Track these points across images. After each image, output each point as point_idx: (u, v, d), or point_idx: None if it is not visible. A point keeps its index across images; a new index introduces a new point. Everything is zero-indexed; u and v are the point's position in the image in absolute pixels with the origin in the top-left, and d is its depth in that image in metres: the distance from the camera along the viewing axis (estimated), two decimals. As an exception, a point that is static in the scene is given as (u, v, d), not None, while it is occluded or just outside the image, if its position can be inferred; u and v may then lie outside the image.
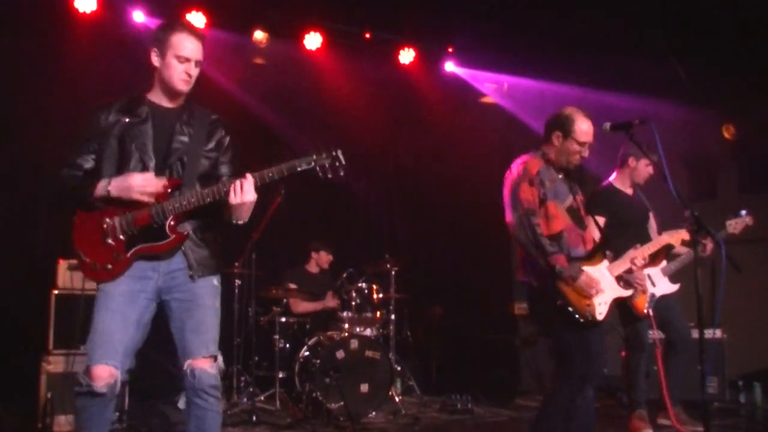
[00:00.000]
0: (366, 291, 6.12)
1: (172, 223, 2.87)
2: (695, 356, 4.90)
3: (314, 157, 2.95)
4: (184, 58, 2.94)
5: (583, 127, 3.58)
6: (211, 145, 3.08)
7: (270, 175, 2.86)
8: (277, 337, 5.94)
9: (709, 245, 4.65)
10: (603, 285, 3.52)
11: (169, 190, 2.88)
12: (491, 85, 8.27)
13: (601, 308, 3.49)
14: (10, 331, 5.45)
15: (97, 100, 3.02)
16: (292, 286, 6.43)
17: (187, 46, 2.94)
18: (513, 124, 8.14)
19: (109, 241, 2.85)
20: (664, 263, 4.85)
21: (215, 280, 3.03)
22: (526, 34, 7.01)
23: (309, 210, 7.64)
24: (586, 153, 3.63)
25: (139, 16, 6.51)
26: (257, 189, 2.85)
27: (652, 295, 4.71)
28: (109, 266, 2.85)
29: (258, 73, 7.34)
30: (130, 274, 2.87)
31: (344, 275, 6.35)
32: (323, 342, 5.72)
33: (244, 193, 2.81)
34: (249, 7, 6.89)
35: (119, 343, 2.83)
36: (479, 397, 6.22)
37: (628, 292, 3.73)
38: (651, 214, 5.01)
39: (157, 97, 3.02)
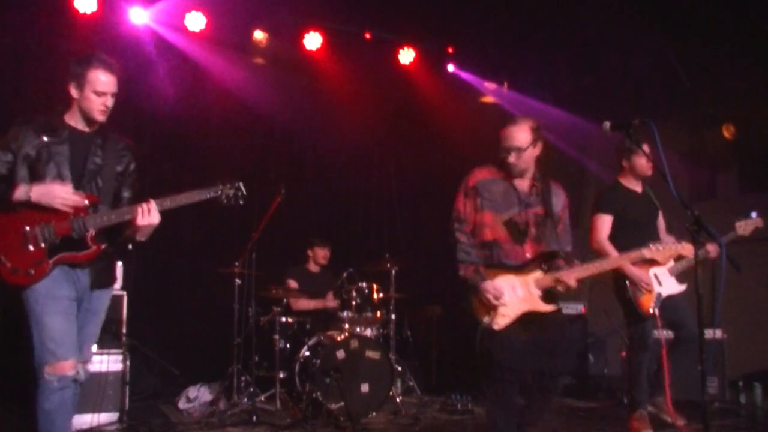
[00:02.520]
0: (366, 291, 6.11)
1: (92, 235, 3.20)
2: (695, 356, 4.91)
3: (220, 187, 3.40)
4: (101, 92, 3.23)
5: (503, 133, 3.74)
6: (120, 168, 3.40)
7: (167, 203, 3.23)
8: (277, 337, 5.94)
9: (713, 249, 4.62)
10: (515, 297, 3.60)
11: (88, 205, 3.21)
12: (491, 85, 8.27)
13: (501, 319, 3.57)
14: (10, 332, 5.45)
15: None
16: (293, 284, 6.43)
17: (103, 81, 3.23)
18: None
19: (30, 247, 3.12)
20: (671, 263, 4.68)
21: (111, 293, 3.47)
22: (526, 34, 7.02)
23: (309, 210, 7.64)
24: (512, 159, 3.71)
25: (138, 17, 6.52)
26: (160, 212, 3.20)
27: (659, 295, 4.65)
28: (31, 271, 3.12)
29: (258, 73, 7.34)
30: (68, 279, 3.20)
31: (344, 275, 6.35)
32: (323, 342, 5.72)
33: (151, 216, 3.18)
34: (249, 7, 6.89)
35: (73, 342, 3.20)
36: (479, 397, 6.21)
37: (547, 308, 3.64)
38: (660, 213, 4.93)
39: (74, 121, 3.32)
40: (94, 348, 3.66)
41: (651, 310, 4.62)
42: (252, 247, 5.85)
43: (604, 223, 4.74)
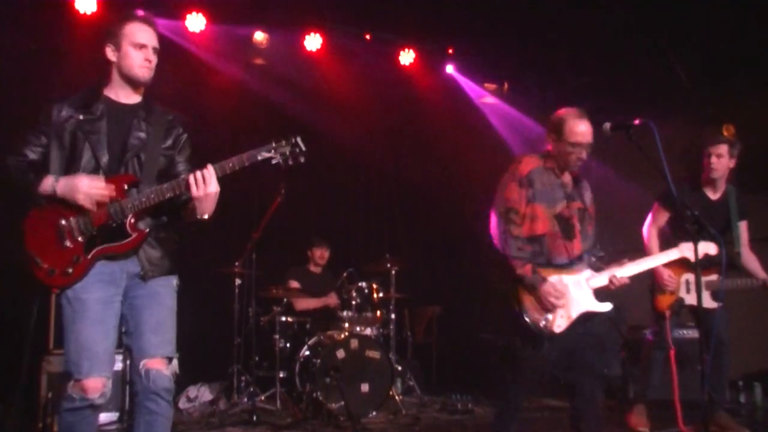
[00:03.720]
0: (366, 291, 6.12)
1: (132, 221, 2.81)
2: (694, 356, 4.91)
3: (274, 145, 2.91)
4: (140, 44, 2.91)
5: (576, 128, 3.54)
6: (169, 142, 3.01)
7: (230, 165, 2.82)
8: (277, 336, 5.95)
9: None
10: (572, 297, 3.49)
11: (126, 187, 2.82)
12: (491, 86, 8.27)
13: (561, 321, 3.46)
14: (10, 332, 5.45)
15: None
16: (294, 284, 6.43)
17: (143, 31, 2.92)
18: (513, 125, 8.14)
19: (67, 243, 2.77)
20: (714, 276, 4.51)
21: (174, 281, 2.98)
22: (526, 34, 7.02)
23: (309, 210, 7.64)
24: (582, 154, 3.59)
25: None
26: (219, 180, 2.81)
27: (681, 300, 4.58)
28: (69, 270, 2.76)
29: (258, 73, 7.34)
30: (100, 279, 2.80)
31: (344, 275, 6.35)
32: (323, 342, 5.72)
33: (207, 184, 2.76)
34: (249, 7, 6.90)
35: (104, 353, 2.78)
36: (479, 397, 6.22)
37: (604, 308, 3.55)
38: (742, 223, 4.84)
39: (114, 93, 2.96)
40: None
41: (665, 312, 4.58)
42: (252, 247, 5.86)
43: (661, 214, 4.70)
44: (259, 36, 7.09)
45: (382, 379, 5.56)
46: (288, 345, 6.11)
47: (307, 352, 5.74)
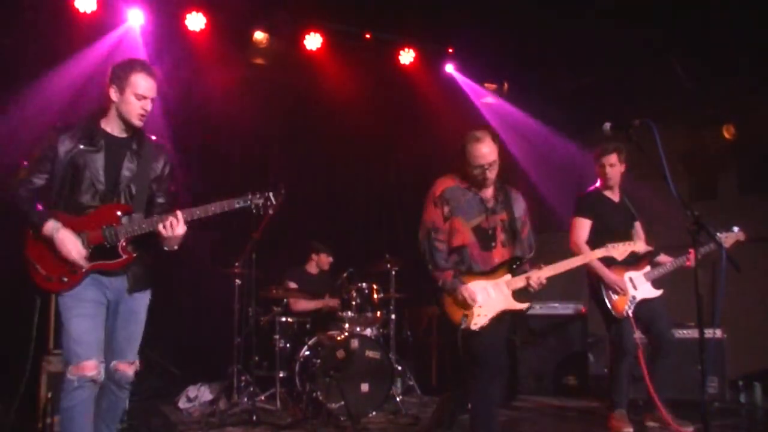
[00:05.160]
0: (366, 291, 6.12)
1: (123, 244, 3.26)
2: (694, 356, 4.94)
3: (241, 199, 3.35)
4: (142, 96, 3.27)
5: (475, 152, 3.80)
6: (154, 174, 3.43)
7: (196, 214, 3.26)
8: (277, 336, 5.94)
9: (692, 255, 4.68)
10: (489, 299, 3.77)
11: (120, 214, 3.26)
12: (491, 86, 8.27)
13: (479, 319, 3.74)
14: (10, 331, 5.45)
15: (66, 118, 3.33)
16: (292, 285, 6.43)
17: (145, 85, 3.27)
18: (512, 125, 8.14)
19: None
20: (647, 268, 4.96)
21: (149, 295, 3.50)
22: (526, 35, 7.02)
23: (309, 210, 7.64)
24: (490, 174, 3.83)
25: (138, 17, 6.52)
26: (186, 224, 3.24)
27: (633, 298, 4.85)
28: (65, 279, 3.20)
29: (258, 73, 7.34)
30: (93, 284, 3.26)
31: (344, 275, 6.35)
32: (323, 342, 5.72)
33: (175, 228, 3.21)
34: (249, 7, 6.90)
35: (97, 342, 3.25)
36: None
37: (521, 306, 3.83)
38: (636, 223, 5.11)
39: (110, 127, 3.34)
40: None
41: (624, 313, 4.81)
42: (252, 247, 5.85)
43: (583, 226, 4.98)
44: (259, 36, 7.09)
45: (382, 379, 5.56)
46: (288, 345, 6.11)
47: (307, 352, 5.74)
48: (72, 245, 3.17)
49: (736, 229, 4.98)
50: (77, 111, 5.66)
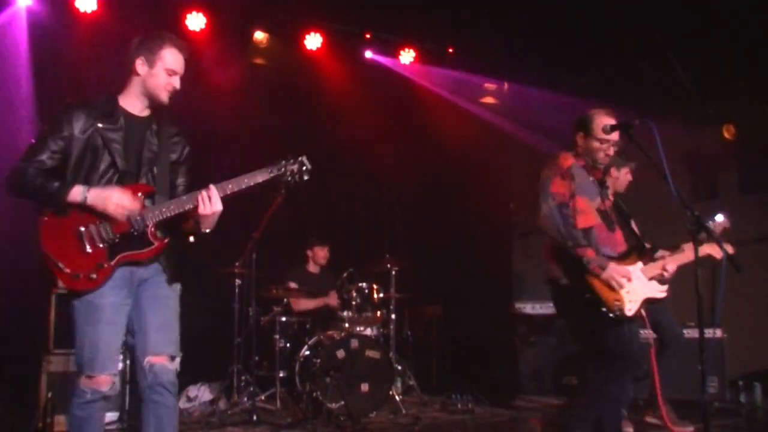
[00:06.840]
0: (366, 291, 6.12)
1: (152, 230, 2.92)
2: (694, 356, 4.92)
3: (274, 167, 3.11)
4: (173, 71, 3.01)
5: (604, 124, 3.55)
6: (174, 156, 3.14)
7: (229, 187, 2.96)
8: (277, 336, 5.94)
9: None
10: (634, 282, 3.51)
11: (142, 197, 2.92)
12: (491, 85, 8.27)
13: (630, 305, 3.48)
14: (10, 331, 5.45)
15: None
16: (293, 285, 6.42)
17: (177, 59, 3.02)
18: (513, 125, 8.14)
19: (88, 249, 2.84)
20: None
21: (179, 287, 3.11)
22: (526, 34, 7.02)
23: (309, 210, 7.64)
24: (610, 151, 3.63)
25: (138, 17, 6.50)
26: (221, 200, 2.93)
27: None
28: (93, 276, 2.83)
29: (258, 73, 7.33)
30: (113, 284, 2.88)
31: (344, 275, 6.34)
32: (323, 341, 5.72)
33: (213, 203, 2.91)
34: (249, 7, 6.90)
35: (115, 352, 2.96)
36: (479, 397, 6.22)
37: (662, 294, 3.65)
38: (632, 221, 5.03)
39: (129, 105, 3.04)
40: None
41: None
42: (252, 247, 5.85)
43: None
44: (259, 36, 7.08)
45: (382, 379, 5.56)
46: (288, 345, 6.11)
47: (307, 352, 5.74)
48: (118, 196, 2.82)
49: (720, 216, 4.88)
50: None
